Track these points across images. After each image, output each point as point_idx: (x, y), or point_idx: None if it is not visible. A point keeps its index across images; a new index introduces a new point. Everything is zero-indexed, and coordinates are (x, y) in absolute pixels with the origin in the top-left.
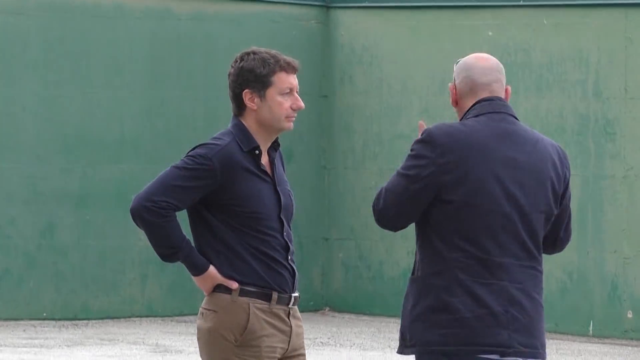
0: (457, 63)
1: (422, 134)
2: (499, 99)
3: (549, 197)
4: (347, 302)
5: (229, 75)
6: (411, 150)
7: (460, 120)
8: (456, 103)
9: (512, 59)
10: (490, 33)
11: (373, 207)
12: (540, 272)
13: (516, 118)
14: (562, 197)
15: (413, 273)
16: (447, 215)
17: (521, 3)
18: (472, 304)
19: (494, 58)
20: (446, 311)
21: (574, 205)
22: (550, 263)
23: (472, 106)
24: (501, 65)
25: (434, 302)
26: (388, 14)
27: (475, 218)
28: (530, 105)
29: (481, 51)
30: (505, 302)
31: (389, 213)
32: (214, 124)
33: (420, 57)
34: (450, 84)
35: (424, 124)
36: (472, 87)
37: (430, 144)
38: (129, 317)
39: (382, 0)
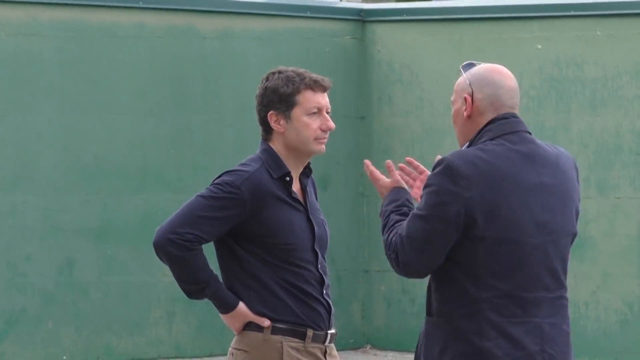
0: (465, 67)
1: (438, 165)
2: (513, 115)
3: (573, 217)
4: (389, 339)
5: (255, 97)
6: (429, 185)
7: (470, 142)
8: (468, 117)
9: (563, 73)
10: (539, 46)
11: (391, 258)
12: (567, 300)
13: (530, 133)
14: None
15: (430, 314)
16: (477, 252)
17: (572, 13)
18: (508, 347)
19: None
20: (481, 357)
21: (634, 232)
22: (609, 294)
23: (485, 126)
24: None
25: (466, 347)
26: (428, 27)
27: (508, 253)
28: (584, 124)
29: (530, 66)
30: (540, 341)
31: (414, 262)
32: (243, 150)
33: None
34: (465, 95)
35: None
36: (497, 108)
37: (453, 176)
38: (156, 358)
39: (422, 12)
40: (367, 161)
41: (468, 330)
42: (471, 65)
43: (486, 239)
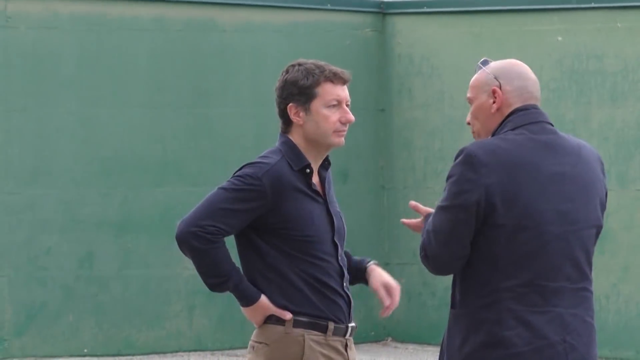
0: (483, 64)
1: (459, 155)
2: (534, 107)
3: (597, 209)
4: (410, 332)
5: (275, 90)
6: (450, 176)
7: (494, 133)
8: (497, 110)
9: (583, 66)
10: (559, 38)
11: (422, 257)
12: (592, 292)
13: (552, 125)
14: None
15: (453, 306)
16: (497, 240)
17: (592, 5)
18: (529, 336)
19: None
20: (501, 346)
21: None
22: (629, 286)
23: (506, 117)
24: None
25: (486, 337)
26: (449, 19)
27: (527, 241)
28: (604, 116)
29: (551, 59)
30: (562, 331)
31: (441, 255)
32: (263, 142)
33: None
34: (493, 87)
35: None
36: (525, 99)
37: (473, 165)
38: (176, 351)
39: (442, 4)
40: (412, 203)
41: (488, 320)
42: (487, 62)
43: (505, 226)
